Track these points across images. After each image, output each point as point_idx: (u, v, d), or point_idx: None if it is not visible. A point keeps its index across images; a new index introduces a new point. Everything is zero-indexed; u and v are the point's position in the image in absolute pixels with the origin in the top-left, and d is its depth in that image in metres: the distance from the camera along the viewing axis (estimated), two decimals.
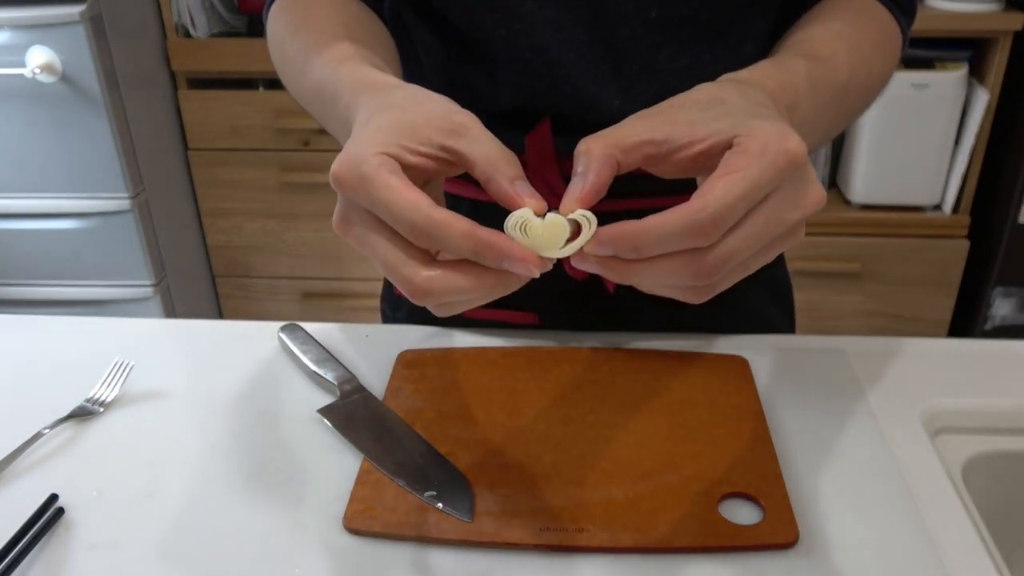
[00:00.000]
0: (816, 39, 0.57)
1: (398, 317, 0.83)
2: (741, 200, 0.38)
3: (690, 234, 0.38)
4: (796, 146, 0.39)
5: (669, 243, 0.39)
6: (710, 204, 0.38)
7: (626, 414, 0.63)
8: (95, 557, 0.54)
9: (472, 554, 0.53)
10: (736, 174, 0.38)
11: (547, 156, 0.67)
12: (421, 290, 0.41)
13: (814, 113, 0.51)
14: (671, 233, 0.38)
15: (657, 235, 0.39)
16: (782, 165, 0.39)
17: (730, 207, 0.38)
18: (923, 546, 0.52)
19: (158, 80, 1.85)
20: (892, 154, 1.78)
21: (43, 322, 0.79)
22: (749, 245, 0.40)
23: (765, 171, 0.38)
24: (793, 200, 0.40)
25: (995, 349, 0.72)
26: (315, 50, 0.57)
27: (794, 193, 0.40)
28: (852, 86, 0.56)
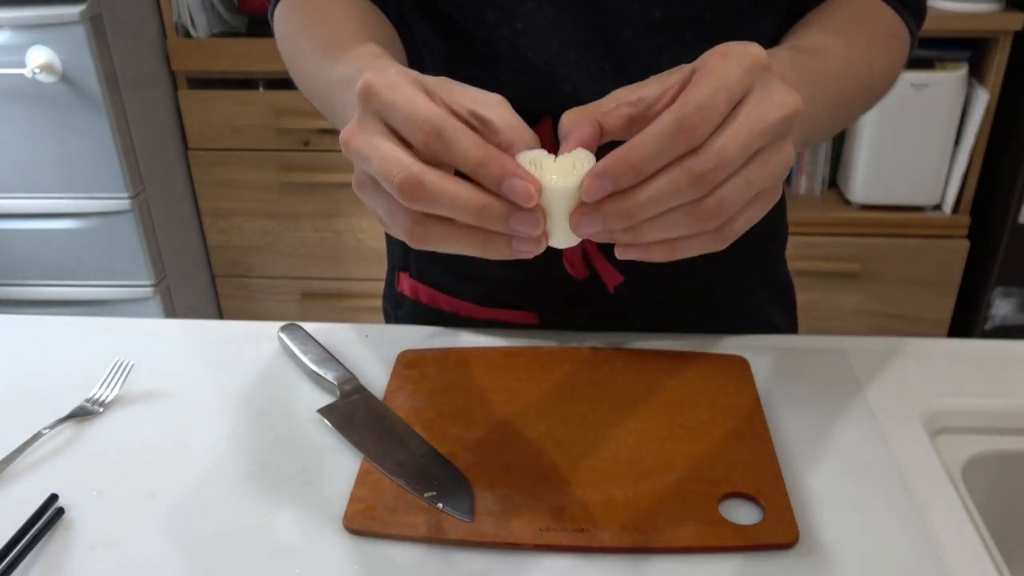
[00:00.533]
0: (809, 36, 0.57)
1: (400, 315, 0.83)
2: (719, 92, 0.38)
3: (680, 132, 0.38)
4: (757, 51, 0.40)
5: (663, 149, 0.38)
6: (691, 99, 0.38)
7: (626, 414, 0.63)
8: (95, 557, 0.54)
9: (472, 554, 0.53)
10: (707, 74, 0.39)
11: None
12: (415, 178, 0.39)
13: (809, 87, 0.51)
14: (662, 136, 0.38)
15: (650, 143, 0.38)
16: (748, 63, 0.39)
17: (710, 98, 0.38)
18: (923, 546, 0.52)
19: (158, 80, 1.85)
20: (892, 154, 1.78)
21: (43, 322, 0.79)
22: (739, 151, 0.39)
23: (732, 69, 0.39)
24: (770, 100, 0.40)
25: (995, 349, 0.72)
26: (338, 48, 0.56)
27: (770, 94, 0.40)
28: (849, 77, 0.56)
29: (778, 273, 0.82)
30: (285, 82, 1.84)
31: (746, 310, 0.78)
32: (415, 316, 0.81)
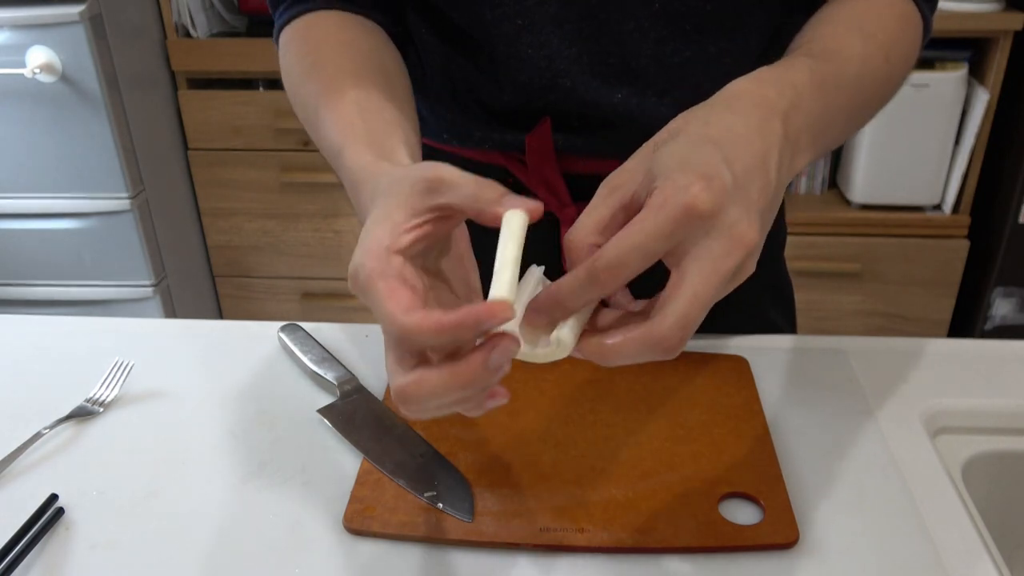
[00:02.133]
0: (826, 36, 0.56)
1: None
2: (634, 251, 0.39)
3: (591, 283, 0.40)
4: (694, 197, 0.39)
5: (579, 293, 0.41)
6: (604, 256, 0.40)
7: (626, 414, 0.63)
8: (95, 557, 0.54)
9: (472, 554, 0.53)
10: (634, 227, 0.40)
11: (547, 155, 0.67)
12: (400, 397, 0.42)
13: (824, 112, 0.50)
14: (577, 283, 0.41)
15: (567, 289, 0.41)
16: (678, 217, 0.39)
17: (622, 257, 0.40)
18: (923, 546, 0.52)
19: (158, 80, 1.85)
20: (892, 154, 1.78)
21: (43, 322, 0.79)
22: (697, 304, 0.40)
23: (660, 224, 0.39)
24: (722, 247, 0.40)
25: (995, 349, 0.72)
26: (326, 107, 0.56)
27: (721, 241, 0.40)
28: (866, 79, 0.55)
29: (777, 273, 0.82)
30: None
31: (745, 309, 0.78)
32: None
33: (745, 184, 0.41)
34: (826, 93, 0.50)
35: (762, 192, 0.42)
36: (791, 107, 0.46)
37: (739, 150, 0.42)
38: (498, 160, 0.70)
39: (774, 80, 0.48)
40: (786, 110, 0.46)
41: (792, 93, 0.47)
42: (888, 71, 0.57)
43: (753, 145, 0.43)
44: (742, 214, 0.41)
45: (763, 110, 0.45)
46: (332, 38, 0.62)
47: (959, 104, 1.74)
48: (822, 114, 0.49)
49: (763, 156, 0.43)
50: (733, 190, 0.40)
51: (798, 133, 0.46)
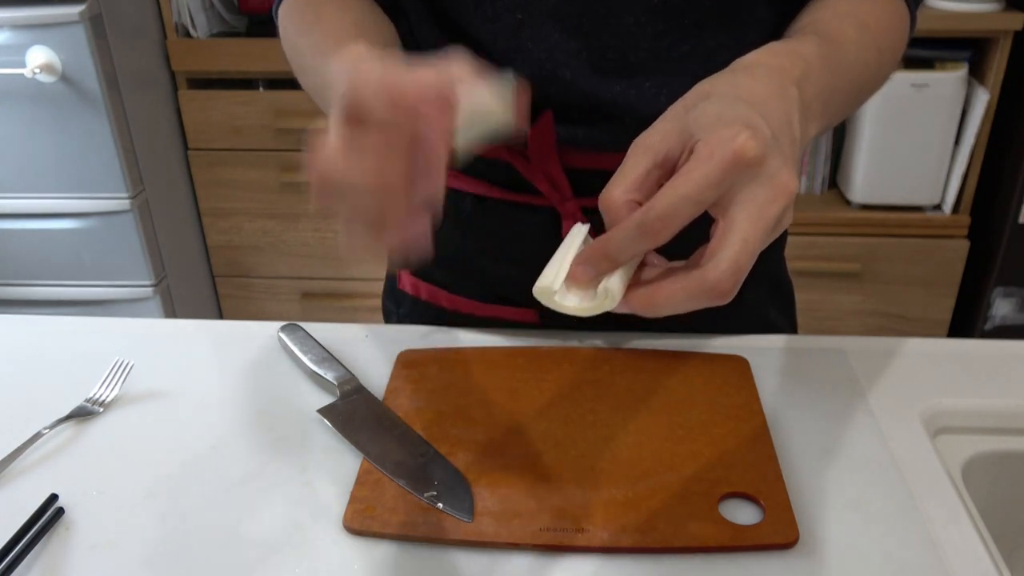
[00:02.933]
0: (825, 20, 0.58)
1: (401, 313, 0.83)
2: (685, 200, 0.41)
3: (642, 234, 0.42)
4: (743, 144, 0.41)
5: (630, 246, 0.42)
6: (655, 206, 0.41)
7: (626, 414, 0.63)
8: (95, 557, 0.54)
9: (472, 554, 0.53)
10: (683, 177, 0.41)
11: (549, 149, 0.67)
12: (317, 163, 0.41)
13: (830, 86, 0.52)
14: (628, 236, 0.42)
15: (618, 240, 0.42)
16: (728, 165, 0.41)
17: (674, 207, 0.41)
18: (923, 546, 0.52)
19: (158, 80, 1.85)
20: (892, 154, 1.78)
21: (43, 322, 0.79)
22: (748, 250, 0.42)
23: (710, 173, 0.41)
24: (767, 194, 0.42)
25: (995, 349, 0.72)
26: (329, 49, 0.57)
27: (766, 187, 0.42)
28: (861, 64, 0.57)
29: (777, 272, 0.82)
30: (285, 82, 1.84)
31: (745, 308, 0.78)
32: (415, 313, 0.81)
33: (779, 138, 0.43)
34: (831, 70, 0.52)
35: (792, 147, 0.44)
36: (803, 76, 0.48)
37: (768, 108, 0.44)
38: (501, 155, 0.70)
39: (787, 52, 0.50)
40: (799, 78, 0.48)
41: (803, 64, 0.49)
42: (879, 61, 0.60)
43: (778, 106, 0.45)
44: (782, 163, 0.42)
45: (780, 76, 0.47)
46: (331, 4, 0.63)
47: (959, 104, 1.74)
48: (829, 87, 0.52)
49: (787, 115, 0.45)
50: (772, 142, 0.42)
51: (810, 101, 0.48)
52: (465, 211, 0.74)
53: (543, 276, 0.46)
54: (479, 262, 0.75)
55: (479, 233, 0.74)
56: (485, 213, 0.73)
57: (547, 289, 0.46)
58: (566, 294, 0.46)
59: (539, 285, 0.46)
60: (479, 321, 0.76)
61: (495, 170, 0.71)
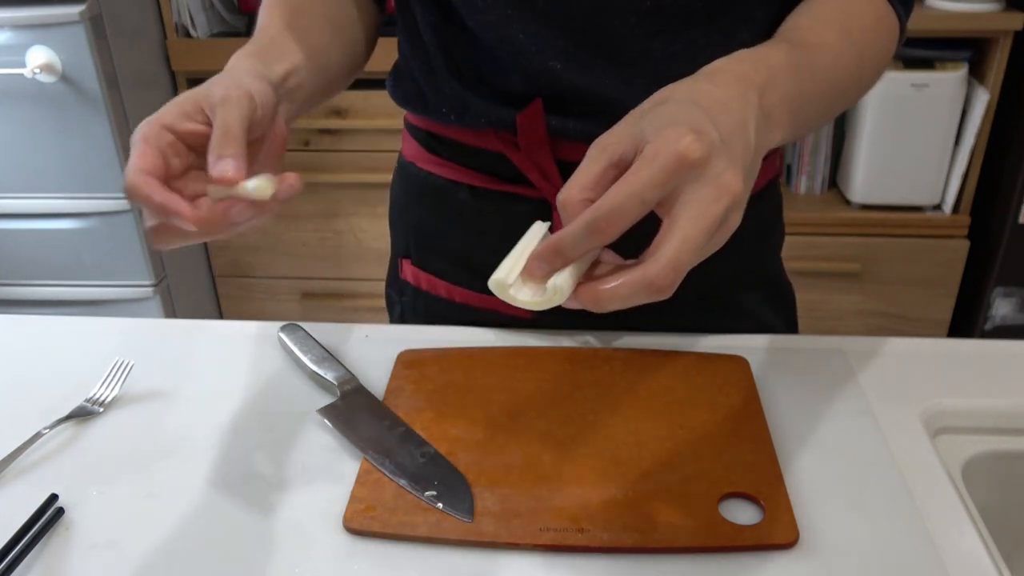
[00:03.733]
0: (805, 27, 0.59)
1: (403, 302, 0.84)
2: (630, 199, 0.42)
3: (590, 232, 0.43)
4: (687, 146, 0.42)
5: (579, 242, 0.44)
6: (603, 205, 0.43)
7: (626, 414, 0.63)
8: (95, 557, 0.54)
9: (472, 554, 0.53)
10: (629, 177, 0.43)
11: (539, 138, 0.68)
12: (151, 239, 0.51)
13: (798, 92, 0.53)
14: (578, 234, 0.43)
15: (569, 238, 0.44)
16: (671, 166, 0.42)
17: (620, 206, 0.42)
18: (923, 546, 0.52)
19: (158, 80, 1.85)
20: (892, 154, 1.78)
21: (43, 322, 0.79)
22: (688, 247, 0.43)
23: (654, 174, 0.42)
24: (711, 194, 0.43)
25: (995, 349, 0.72)
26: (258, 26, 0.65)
27: (710, 188, 0.43)
28: (838, 70, 0.58)
29: (774, 274, 0.82)
30: None
31: (741, 310, 0.78)
32: (416, 302, 0.81)
33: (729, 141, 0.45)
34: (801, 77, 0.53)
35: (744, 151, 0.46)
36: (767, 83, 0.50)
37: (722, 114, 0.46)
38: (495, 145, 0.70)
39: (752, 59, 0.51)
40: (762, 85, 0.49)
41: (768, 72, 0.51)
42: (859, 68, 0.61)
43: (734, 111, 0.47)
44: (728, 165, 0.44)
45: (742, 83, 0.49)
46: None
47: (959, 104, 1.74)
48: (797, 96, 0.53)
49: (743, 121, 0.47)
50: (719, 144, 0.44)
51: (772, 107, 0.50)
52: (461, 202, 0.74)
53: (499, 269, 0.48)
54: (475, 252, 0.76)
55: (474, 223, 0.75)
56: (479, 204, 0.73)
57: (502, 282, 0.47)
58: (520, 288, 0.47)
59: (494, 278, 0.47)
60: (475, 312, 0.76)
61: (489, 161, 0.71)
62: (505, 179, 0.72)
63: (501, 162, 0.71)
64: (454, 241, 0.77)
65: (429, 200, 0.77)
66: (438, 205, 0.76)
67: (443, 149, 0.75)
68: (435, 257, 0.79)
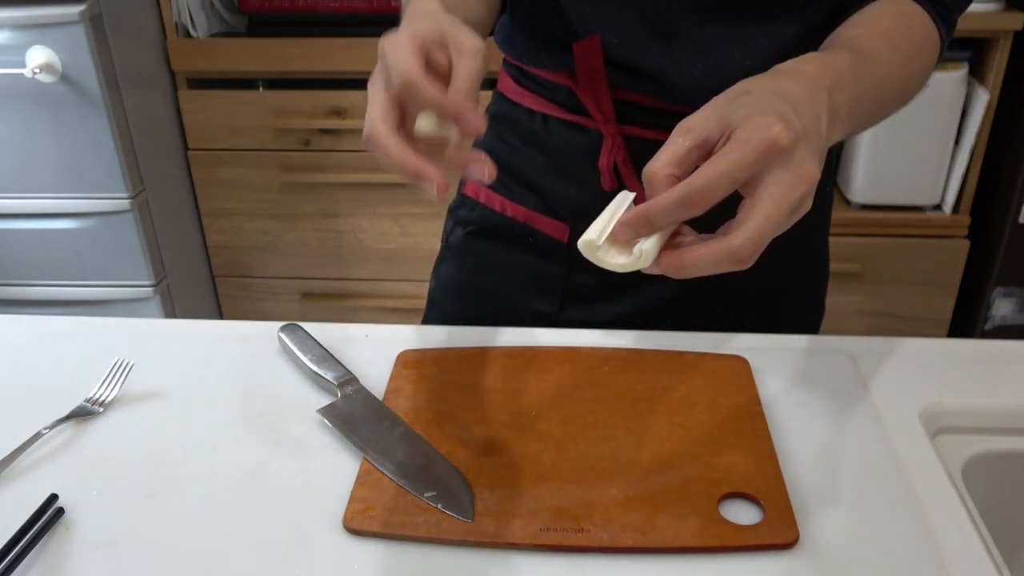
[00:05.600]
0: (862, 37, 0.63)
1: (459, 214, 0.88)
2: (722, 177, 0.46)
3: (682, 204, 0.47)
4: (778, 133, 0.46)
5: (670, 214, 0.47)
6: (695, 181, 0.47)
7: (626, 414, 0.63)
8: (95, 557, 0.54)
9: (472, 554, 0.53)
10: (722, 157, 0.47)
11: (596, 73, 0.73)
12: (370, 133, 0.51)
13: (857, 96, 0.57)
14: (670, 205, 0.47)
15: (660, 208, 0.47)
16: (762, 150, 0.46)
17: (713, 182, 0.46)
18: (923, 546, 0.52)
19: (158, 80, 1.85)
20: (892, 154, 1.78)
21: (43, 322, 0.79)
22: (770, 224, 0.46)
23: (746, 155, 0.46)
24: (792, 179, 0.47)
25: (995, 349, 0.72)
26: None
27: (792, 173, 0.47)
28: (890, 82, 0.63)
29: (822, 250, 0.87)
30: (285, 82, 1.84)
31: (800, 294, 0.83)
32: (473, 214, 0.86)
33: (808, 133, 0.49)
34: (859, 83, 0.58)
35: (819, 143, 0.50)
36: (834, 84, 0.54)
37: (800, 107, 0.50)
38: (564, 80, 0.77)
39: (820, 62, 0.56)
40: (830, 86, 0.54)
41: (835, 74, 0.55)
42: (905, 81, 0.65)
43: (810, 106, 0.51)
44: (808, 154, 0.48)
45: (813, 82, 0.53)
46: None
47: (959, 104, 1.74)
48: (856, 98, 0.57)
49: (817, 116, 0.51)
50: (802, 134, 0.48)
51: (838, 107, 0.54)
52: (532, 127, 0.80)
53: (588, 231, 0.50)
54: (535, 174, 0.81)
55: (540, 147, 0.81)
56: (547, 130, 0.80)
57: (591, 243, 0.50)
58: (608, 250, 0.50)
59: (584, 239, 0.50)
60: (520, 228, 0.82)
61: (561, 94, 0.78)
62: (569, 110, 0.78)
63: (570, 95, 0.77)
64: (518, 161, 0.82)
65: (505, 125, 0.83)
66: (512, 129, 0.83)
67: (527, 82, 0.81)
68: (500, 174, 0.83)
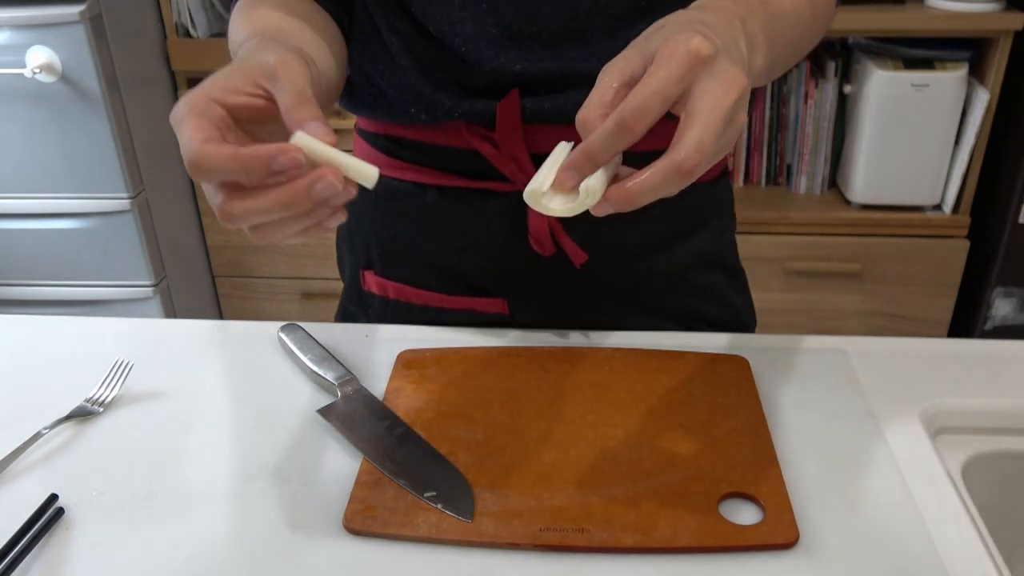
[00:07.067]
0: None
1: (369, 315, 0.83)
2: (654, 96, 0.47)
3: (619, 131, 0.47)
4: (698, 44, 0.47)
5: (610, 144, 0.48)
6: (629, 104, 0.47)
7: (626, 414, 0.63)
8: (95, 557, 0.54)
9: (472, 554, 0.53)
10: (649, 77, 0.48)
11: (515, 129, 0.68)
12: (225, 214, 0.47)
13: (771, 25, 0.58)
14: (608, 135, 0.47)
15: (599, 141, 0.48)
16: (686, 63, 0.47)
17: (645, 102, 0.47)
18: (923, 546, 0.52)
19: (158, 80, 1.85)
20: (892, 154, 1.78)
21: (43, 322, 0.79)
22: (709, 133, 0.47)
23: (671, 71, 0.47)
24: (721, 87, 0.48)
25: (995, 349, 0.72)
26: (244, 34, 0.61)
27: (719, 81, 0.48)
28: (796, 17, 0.64)
29: (732, 259, 0.84)
30: None
31: (707, 291, 0.80)
32: (386, 312, 0.81)
33: (728, 48, 0.50)
34: (771, 15, 0.59)
35: (740, 58, 0.51)
36: (747, 14, 0.55)
37: (716, 28, 0.51)
38: (466, 141, 0.70)
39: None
40: (743, 15, 0.55)
41: (746, 5, 0.56)
42: (812, 17, 0.67)
43: (725, 28, 0.52)
44: (732, 63, 0.49)
45: (726, 12, 0.54)
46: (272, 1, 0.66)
47: (959, 104, 1.74)
48: (771, 28, 0.58)
49: (733, 37, 0.52)
50: (722, 46, 0.49)
51: (754, 34, 0.55)
52: (428, 204, 0.74)
53: (532, 181, 0.50)
54: (445, 254, 0.76)
55: (443, 225, 0.75)
56: (449, 204, 0.73)
57: (536, 192, 0.50)
58: (553, 197, 0.50)
59: (529, 189, 0.50)
60: (449, 314, 0.77)
61: (459, 159, 0.71)
62: (476, 176, 0.72)
63: (471, 159, 0.71)
64: (423, 244, 0.76)
65: (393, 206, 0.76)
66: (404, 210, 0.76)
67: (406, 152, 0.74)
68: (402, 263, 0.78)
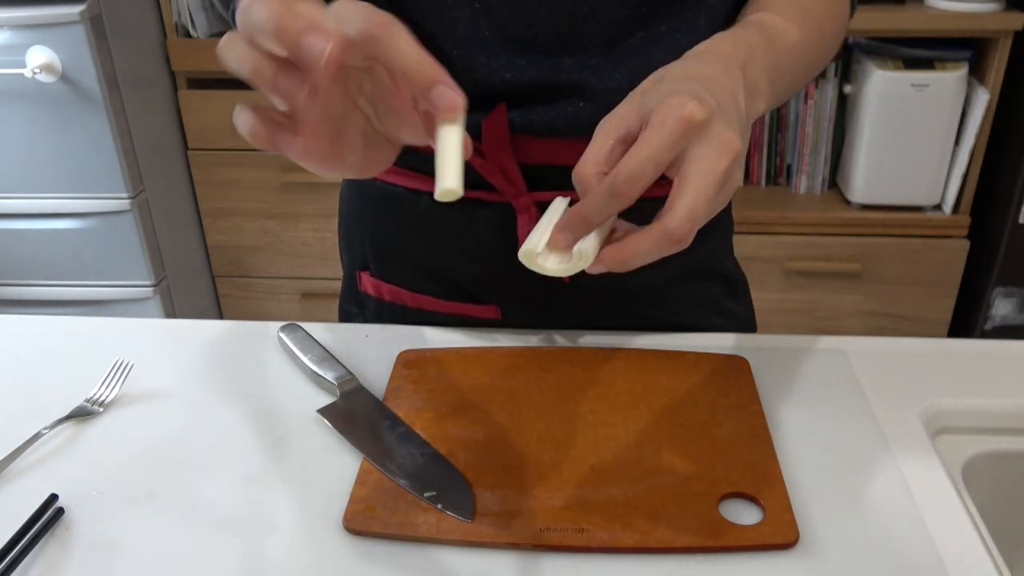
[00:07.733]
0: (769, 8, 0.63)
1: (366, 315, 0.83)
2: (646, 161, 0.46)
3: (612, 196, 0.47)
4: (691, 110, 0.47)
5: (601, 207, 0.47)
6: (621, 170, 0.47)
7: (626, 414, 0.63)
8: (95, 557, 0.54)
9: (472, 554, 0.53)
10: (642, 143, 0.47)
11: (503, 142, 0.68)
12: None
13: (775, 65, 0.57)
14: (600, 198, 0.47)
15: (592, 205, 0.48)
16: (679, 129, 0.47)
17: (637, 168, 0.46)
18: (923, 546, 0.52)
19: (158, 80, 1.85)
20: (892, 154, 1.78)
21: (43, 322, 0.79)
22: (701, 199, 0.46)
23: (664, 137, 0.46)
24: (715, 152, 0.47)
25: (995, 349, 0.72)
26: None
27: (713, 146, 0.47)
28: (805, 43, 0.63)
29: (730, 266, 0.84)
30: None
31: (706, 300, 0.79)
32: (380, 314, 0.81)
33: (724, 107, 0.49)
34: (776, 51, 0.58)
35: (737, 117, 0.50)
36: (747, 59, 0.54)
37: (713, 84, 0.50)
38: None
39: (732, 39, 0.56)
40: (743, 61, 0.54)
41: (747, 48, 0.55)
42: (821, 42, 0.66)
43: (723, 82, 0.51)
44: (727, 126, 0.48)
45: (726, 61, 0.53)
46: None
47: (959, 104, 1.74)
48: (775, 68, 0.57)
49: (732, 92, 0.51)
50: (717, 108, 0.48)
51: (755, 80, 0.54)
52: (422, 210, 0.74)
53: (527, 241, 0.51)
54: (438, 260, 0.76)
55: (436, 231, 0.75)
56: (442, 211, 0.73)
57: (531, 252, 0.50)
58: (548, 256, 0.50)
59: (524, 249, 0.50)
60: (443, 318, 0.77)
61: None
62: (467, 185, 0.71)
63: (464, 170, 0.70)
64: (417, 250, 0.77)
65: (388, 210, 0.76)
66: (398, 214, 0.76)
67: (401, 156, 0.74)
68: (397, 267, 0.79)
